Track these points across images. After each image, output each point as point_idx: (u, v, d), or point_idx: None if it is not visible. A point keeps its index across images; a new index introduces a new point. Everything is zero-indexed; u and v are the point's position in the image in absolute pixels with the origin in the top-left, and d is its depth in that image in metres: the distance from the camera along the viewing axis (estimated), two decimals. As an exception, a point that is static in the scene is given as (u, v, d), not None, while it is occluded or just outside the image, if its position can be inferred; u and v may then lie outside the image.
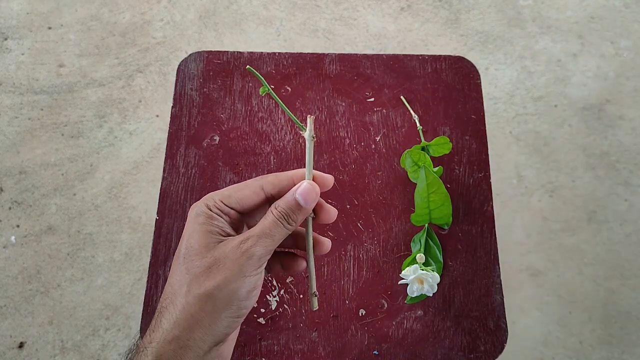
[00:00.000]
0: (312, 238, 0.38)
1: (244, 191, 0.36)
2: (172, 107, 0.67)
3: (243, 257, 0.33)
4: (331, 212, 0.38)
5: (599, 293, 0.66)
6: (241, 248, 0.33)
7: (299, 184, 0.36)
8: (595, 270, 0.75)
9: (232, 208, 0.36)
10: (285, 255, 0.40)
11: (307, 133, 0.36)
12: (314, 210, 0.38)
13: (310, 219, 0.37)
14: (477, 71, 0.68)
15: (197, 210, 0.35)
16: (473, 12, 0.73)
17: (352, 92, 0.66)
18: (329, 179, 0.37)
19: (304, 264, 0.39)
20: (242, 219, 0.38)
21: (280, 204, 0.35)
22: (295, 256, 0.40)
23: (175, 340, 0.32)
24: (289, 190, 0.36)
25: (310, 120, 0.36)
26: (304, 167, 0.37)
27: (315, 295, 0.38)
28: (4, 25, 0.70)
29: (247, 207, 0.36)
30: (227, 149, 0.64)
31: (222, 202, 0.36)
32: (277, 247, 0.37)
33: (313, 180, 0.36)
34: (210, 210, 0.35)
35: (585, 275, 0.77)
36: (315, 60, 0.68)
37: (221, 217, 0.35)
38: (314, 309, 0.38)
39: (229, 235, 0.35)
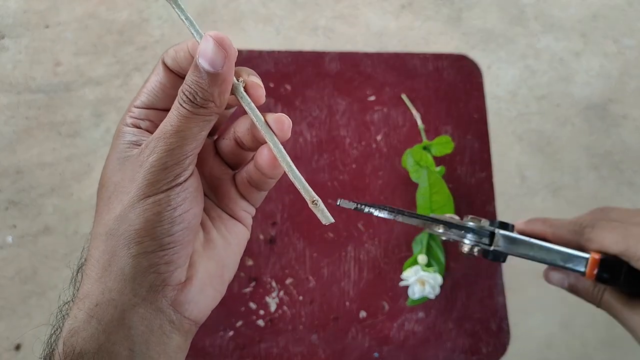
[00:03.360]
0: (258, 111, 0.27)
1: (150, 78, 0.28)
2: (171, 106, 0.67)
3: (140, 172, 0.25)
4: (258, 89, 0.27)
5: (603, 295, 0.65)
6: (139, 160, 0.25)
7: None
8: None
9: (147, 107, 0.28)
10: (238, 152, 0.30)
11: None
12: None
13: (240, 87, 0.27)
14: (479, 70, 0.67)
15: (114, 133, 0.28)
16: (475, 11, 0.72)
17: (352, 90, 0.66)
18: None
19: (265, 151, 0.28)
20: None
21: (184, 82, 0.25)
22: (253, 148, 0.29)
23: (87, 298, 0.25)
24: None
25: None
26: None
27: (316, 204, 0.27)
28: (1, 23, 0.70)
29: (161, 95, 0.28)
30: (226, 149, 0.63)
31: (134, 106, 0.27)
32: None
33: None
34: (125, 124, 0.27)
35: (588, 276, 0.76)
36: (315, 59, 0.67)
37: (138, 126, 0.27)
38: (326, 223, 0.27)
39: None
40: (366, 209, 0.30)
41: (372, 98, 0.65)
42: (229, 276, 0.30)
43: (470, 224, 0.33)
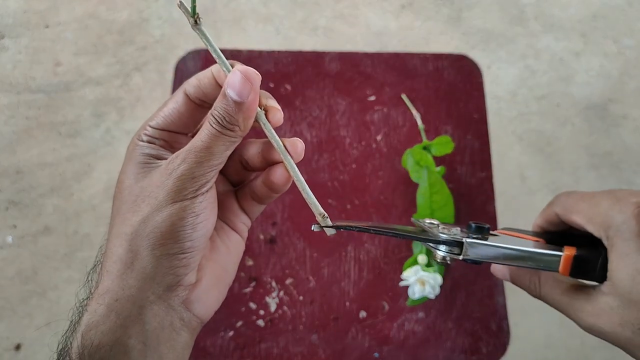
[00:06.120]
0: (277, 136, 0.30)
1: (168, 103, 0.30)
2: (171, 106, 0.67)
3: (169, 180, 0.27)
4: (277, 113, 0.30)
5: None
6: (168, 169, 0.27)
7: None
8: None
9: (162, 129, 0.30)
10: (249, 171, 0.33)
11: (190, 19, 0.28)
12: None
13: (262, 115, 0.29)
14: (479, 70, 0.67)
15: (128, 146, 0.30)
16: (475, 11, 0.72)
17: (352, 90, 0.66)
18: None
19: (280, 171, 0.31)
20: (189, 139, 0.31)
21: (214, 106, 0.28)
22: (270, 167, 0.31)
23: (107, 293, 0.26)
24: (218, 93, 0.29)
25: (184, 5, 0.28)
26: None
27: (324, 217, 0.30)
28: (1, 23, 0.70)
29: (176, 120, 0.30)
30: (226, 149, 0.63)
31: (149, 126, 0.30)
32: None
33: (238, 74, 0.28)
34: (141, 140, 0.30)
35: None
36: (315, 59, 0.67)
37: (153, 143, 0.30)
38: (330, 235, 0.30)
39: (164, 159, 0.29)
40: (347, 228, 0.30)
41: (372, 98, 0.65)
42: (229, 281, 0.33)
43: (442, 235, 0.33)
